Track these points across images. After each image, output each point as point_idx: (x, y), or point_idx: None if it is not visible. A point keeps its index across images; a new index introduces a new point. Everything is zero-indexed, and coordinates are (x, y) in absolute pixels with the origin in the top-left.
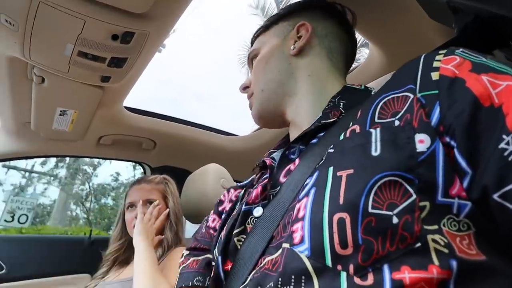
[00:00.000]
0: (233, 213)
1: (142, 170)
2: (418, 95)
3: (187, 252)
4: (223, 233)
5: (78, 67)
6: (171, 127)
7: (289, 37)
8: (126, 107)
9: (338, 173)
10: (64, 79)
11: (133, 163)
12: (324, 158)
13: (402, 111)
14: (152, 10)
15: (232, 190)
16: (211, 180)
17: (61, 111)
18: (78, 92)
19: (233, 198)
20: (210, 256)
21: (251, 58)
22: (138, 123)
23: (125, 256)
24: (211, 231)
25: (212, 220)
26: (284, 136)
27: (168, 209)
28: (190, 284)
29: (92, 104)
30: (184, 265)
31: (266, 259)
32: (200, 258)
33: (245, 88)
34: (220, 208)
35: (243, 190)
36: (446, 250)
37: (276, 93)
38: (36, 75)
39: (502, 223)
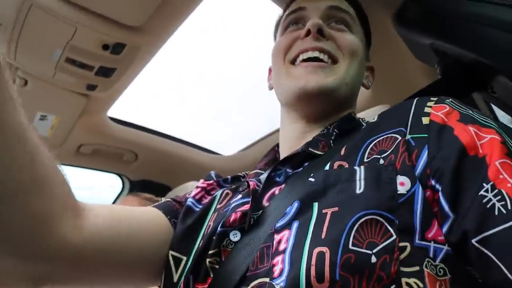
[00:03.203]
0: (206, 230)
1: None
2: (408, 136)
3: (170, 199)
4: (193, 251)
5: (64, 73)
6: (155, 140)
7: (366, 63)
8: (110, 118)
9: (324, 211)
10: (47, 84)
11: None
12: (306, 189)
13: (389, 151)
14: (146, 24)
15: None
16: None
17: (41, 116)
18: (61, 98)
19: (200, 185)
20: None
21: (341, 18)
22: (121, 134)
23: None
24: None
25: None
26: (269, 152)
27: None
28: (168, 217)
29: (74, 111)
30: (169, 201)
31: None
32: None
33: (321, 34)
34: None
35: (221, 191)
36: None
37: (346, 100)
38: (19, 77)
39: (479, 268)
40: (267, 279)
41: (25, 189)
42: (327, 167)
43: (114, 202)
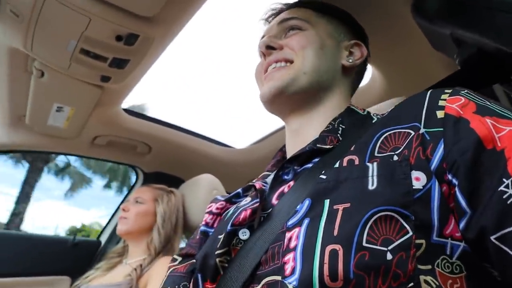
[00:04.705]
0: (215, 229)
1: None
2: (423, 130)
3: (179, 258)
4: (203, 252)
5: (79, 64)
6: (168, 133)
7: (343, 45)
8: (124, 109)
9: (335, 207)
10: (63, 75)
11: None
12: (317, 186)
13: (402, 147)
14: (159, 14)
15: (214, 204)
16: (203, 191)
17: (57, 107)
18: (76, 90)
19: (214, 210)
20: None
21: (291, 25)
22: (135, 126)
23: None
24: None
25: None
26: (276, 154)
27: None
28: None
29: (89, 102)
30: (173, 268)
31: None
32: (189, 262)
33: (271, 48)
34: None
35: (234, 207)
36: None
37: (313, 87)
38: (36, 69)
39: (497, 265)
40: (278, 277)
41: None
42: (337, 164)
43: (128, 193)
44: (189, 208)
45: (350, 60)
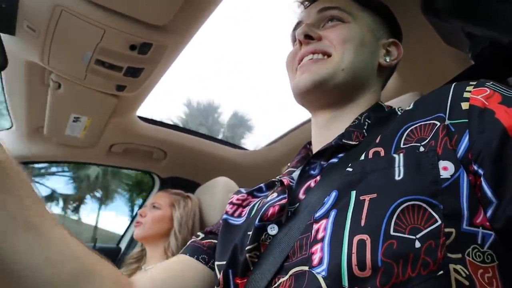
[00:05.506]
0: (242, 224)
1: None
2: (447, 122)
3: (201, 234)
4: (232, 246)
5: (94, 75)
6: (182, 138)
7: (381, 43)
8: (139, 117)
9: (361, 197)
10: (79, 86)
11: None
12: (343, 178)
13: (428, 138)
14: (171, 23)
15: (235, 195)
16: (220, 194)
17: (74, 118)
18: (92, 100)
19: (235, 201)
20: None
21: (332, 15)
22: (150, 132)
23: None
24: None
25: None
26: (300, 151)
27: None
28: (195, 257)
29: (106, 112)
30: (196, 239)
31: (281, 280)
32: (212, 241)
33: (310, 38)
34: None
35: (258, 201)
36: (467, 283)
37: (349, 84)
38: (53, 81)
39: None
40: (306, 268)
41: (78, 279)
42: (363, 156)
43: (145, 200)
44: (206, 212)
45: (388, 60)
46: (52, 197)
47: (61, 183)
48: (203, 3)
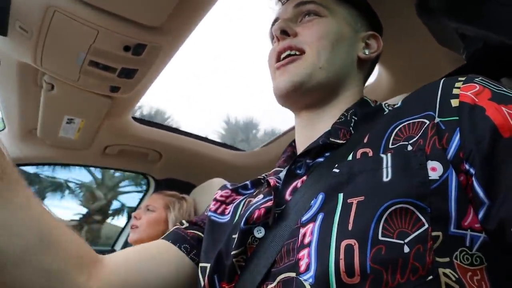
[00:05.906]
0: (227, 223)
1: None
2: (437, 119)
3: (186, 223)
4: (217, 251)
5: (88, 76)
6: (177, 139)
7: (360, 36)
8: (133, 118)
9: (349, 200)
10: (73, 88)
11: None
12: (330, 180)
13: (417, 137)
14: (165, 24)
15: (219, 191)
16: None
17: (68, 119)
18: (86, 101)
19: (218, 198)
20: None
21: (308, 10)
22: (144, 134)
23: None
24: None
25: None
26: (286, 149)
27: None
28: (177, 245)
29: (99, 113)
30: (180, 227)
31: (269, 286)
32: (197, 232)
33: (285, 33)
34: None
35: (243, 199)
36: (457, 286)
37: (330, 81)
38: (46, 82)
39: None
40: (293, 274)
41: (34, 249)
42: (350, 157)
43: (140, 202)
44: (201, 213)
45: (367, 52)
46: None
47: None
48: (197, 4)
